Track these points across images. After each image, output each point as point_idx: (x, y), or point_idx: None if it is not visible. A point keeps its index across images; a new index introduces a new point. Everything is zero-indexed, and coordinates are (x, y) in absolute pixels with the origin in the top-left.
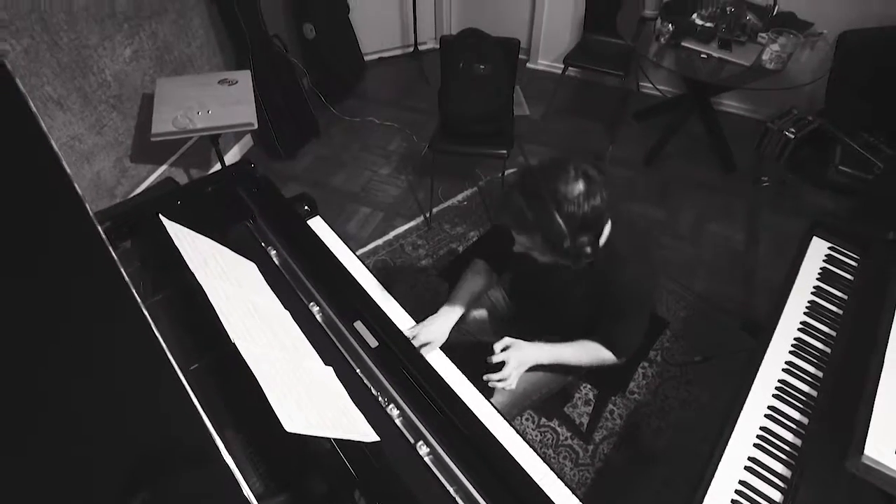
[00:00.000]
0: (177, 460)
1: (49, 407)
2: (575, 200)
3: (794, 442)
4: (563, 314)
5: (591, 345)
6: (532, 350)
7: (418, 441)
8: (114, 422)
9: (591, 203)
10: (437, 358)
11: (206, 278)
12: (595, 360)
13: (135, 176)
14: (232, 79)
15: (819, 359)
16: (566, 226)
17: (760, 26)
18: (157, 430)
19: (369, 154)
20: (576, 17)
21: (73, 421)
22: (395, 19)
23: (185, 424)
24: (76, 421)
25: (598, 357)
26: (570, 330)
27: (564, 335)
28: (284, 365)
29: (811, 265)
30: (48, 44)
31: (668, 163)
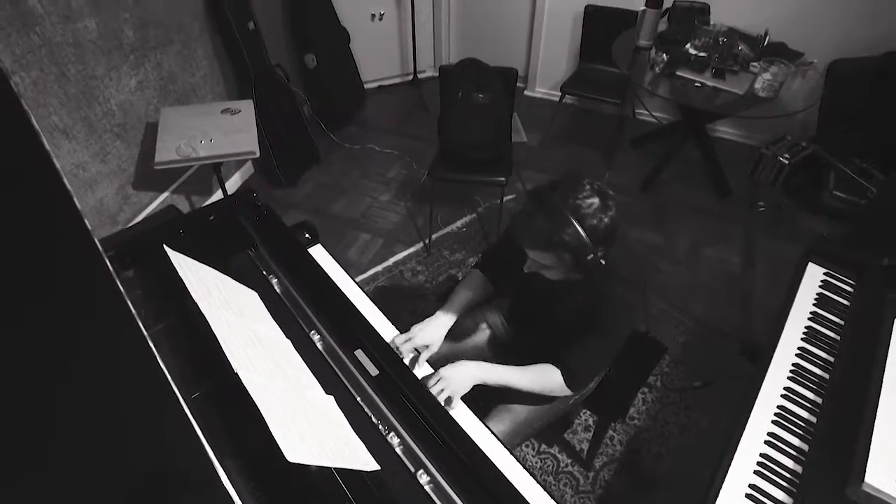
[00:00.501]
0: (179, 489)
1: (53, 436)
2: (595, 214)
3: (795, 469)
4: (556, 333)
5: (547, 370)
6: (471, 368)
7: (419, 469)
8: (117, 450)
9: (609, 215)
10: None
11: (209, 308)
12: (547, 388)
13: (137, 203)
14: (235, 108)
15: (818, 385)
16: (590, 239)
17: (752, 56)
18: (160, 458)
19: (369, 181)
20: (572, 46)
21: (76, 450)
22: (394, 48)
23: (188, 453)
24: (80, 450)
25: (549, 384)
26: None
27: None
28: (286, 394)
29: (807, 291)
30: (56, 75)
31: (665, 188)
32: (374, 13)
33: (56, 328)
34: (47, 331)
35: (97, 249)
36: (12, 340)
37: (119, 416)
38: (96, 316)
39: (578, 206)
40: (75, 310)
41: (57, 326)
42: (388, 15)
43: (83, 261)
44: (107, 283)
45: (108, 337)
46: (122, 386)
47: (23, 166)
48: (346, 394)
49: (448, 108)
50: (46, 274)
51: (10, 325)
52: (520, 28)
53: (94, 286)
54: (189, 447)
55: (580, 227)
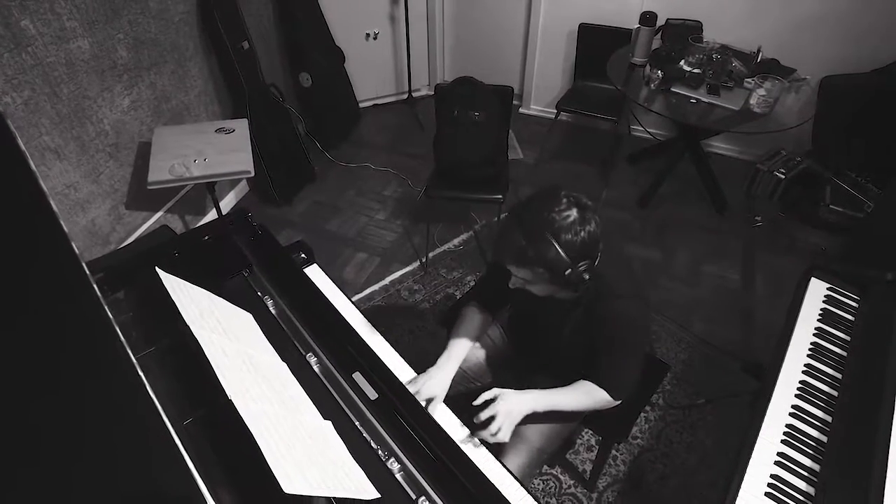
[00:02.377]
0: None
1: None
2: (571, 228)
3: (808, 490)
4: (559, 348)
5: (586, 386)
6: (522, 399)
7: (420, 496)
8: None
9: (586, 229)
10: (440, 411)
11: (201, 332)
12: (592, 403)
13: (130, 223)
14: (229, 127)
15: (827, 402)
16: (566, 254)
17: (746, 72)
18: (145, 485)
19: (365, 199)
20: (567, 64)
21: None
22: (389, 67)
23: (175, 481)
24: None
25: (595, 399)
26: (566, 364)
27: (562, 370)
28: (282, 421)
29: (811, 306)
30: (48, 95)
31: (662, 204)
32: (368, 33)
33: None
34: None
35: (83, 271)
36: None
37: (103, 442)
38: (80, 339)
39: (553, 219)
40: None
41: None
42: (383, 34)
43: (67, 282)
44: (92, 305)
45: (93, 361)
46: (106, 411)
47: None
48: (344, 418)
49: (444, 126)
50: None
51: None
52: (514, 46)
53: (79, 308)
54: (176, 475)
55: (555, 242)
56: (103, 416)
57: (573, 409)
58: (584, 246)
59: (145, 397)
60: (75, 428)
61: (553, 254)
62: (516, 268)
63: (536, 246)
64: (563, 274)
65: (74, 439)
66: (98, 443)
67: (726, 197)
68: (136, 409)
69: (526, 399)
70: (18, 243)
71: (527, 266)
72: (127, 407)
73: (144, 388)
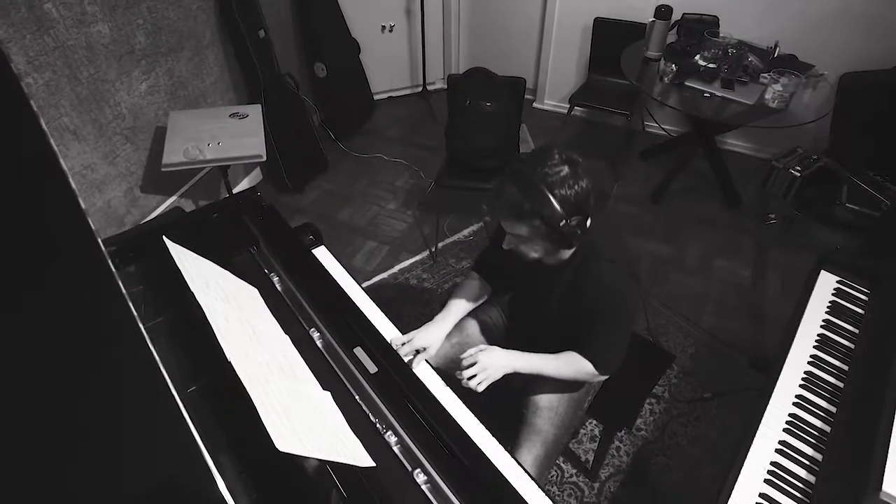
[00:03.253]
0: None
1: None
2: (565, 182)
3: (808, 478)
4: (549, 321)
5: (572, 356)
6: (504, 355)
7: (416, 469)
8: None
9: (579, 184)
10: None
11: (205, 298)
12: (576, 373)
13: (144, 206)
14: (243, 112)
15: (832, 393)
16: (560, 207)
17: (762, 67)
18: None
19: (376, 189)
20: (581, 58)
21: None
22: (404, 60)
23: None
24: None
25: (578, 369)
26: (557, 339)
27: (553, 346)
28: (281, 387)
29: (820, 298)
30: (68, 77)
31: (675, 200)
32: (384, 25)
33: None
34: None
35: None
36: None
37: (111, 408)
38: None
39: (546, 174)
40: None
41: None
42: (399, 27)
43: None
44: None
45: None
46: (116, 378)
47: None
48: (343, 391)
49: (455, 116)
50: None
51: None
52: (529, 40)
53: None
54: (180, 441)
55: (550, 195)
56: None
57: (556, 375)
58: (577, 199)
59: (153, 366)
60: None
61: (548, 207)
62: (513, 223)
63: (532, 199)
64: (559, 227)
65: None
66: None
67: (740, 194)
68: (144, 377)
69: (508, 356)
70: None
71: (523, 220)
72: (136, 375)
73: (153, 357)
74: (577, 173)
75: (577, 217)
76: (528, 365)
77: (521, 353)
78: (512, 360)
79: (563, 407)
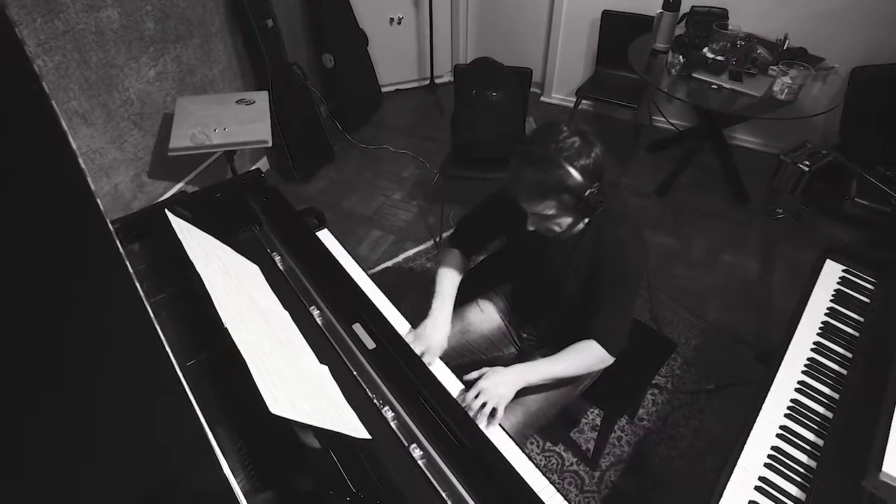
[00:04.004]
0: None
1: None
2: (581, 153)
3: (809, 463)
4: (561, 297)
5: (580, 347)
6: (510, 371)
7: (412, 444)
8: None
9: (594, 151)
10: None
11: (205, 270)
12: (588, 365)
13: (151, 192)
14: (249, 99)
15: (834, 380)
16: (582, 177)
17: (771, 60)
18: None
19: (382, 180)
20: (589, 51)
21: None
22: (412, 53)
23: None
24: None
25: (590, 358)
26: (567, 317)
27: (562, 330)
28: (277, 356)
29: (824, 287)
30: (78, 61)
31: (681, 194)
32: (392, 17)
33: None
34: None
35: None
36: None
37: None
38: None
39: (561, 148)
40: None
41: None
42: (407, 19)
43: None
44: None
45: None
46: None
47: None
48: (341, 367)
49: (462, 105)
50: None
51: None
52: (537, 34)
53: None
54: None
55: (570, 168)
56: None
57: (568, 374)
58: (595, 166)
59: (156, 340)
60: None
61: (571, 179)
62: (539, 202)
63: (554, 174)
64: (584, 196)
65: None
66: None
67: (747, 188)
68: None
69: (514, 372)
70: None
71: (549, 197)
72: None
73: (156, 331)
74: (589, 141)
75: (598, 183)
76: (540, 374)
77: (524, 365)
78: (521, 375)
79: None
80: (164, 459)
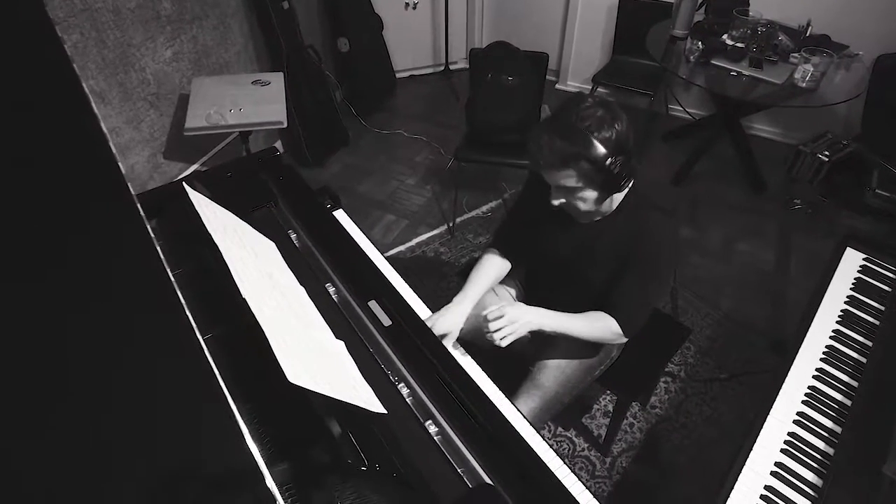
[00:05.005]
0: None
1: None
2: (603, 122)
3: (826, 450)
4: (579, 284)
5: (598, 315)
6: (532, 310)
7: (427, 420)
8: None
9: (618, 123)
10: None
11: (223, 241)
12: (601, 333)
13: (167, 172)
14: (265, 80)
15: (854, 368)
16: (603, 146)
17: (792, 47)
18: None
19: (396, 164)
20: (605, 38)
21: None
22: (427, 38)
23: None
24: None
25: (603, 328)
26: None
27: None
28: (295, 328)
29: (844, 275)
30: (95, 40)
31: (697, 182)
32: (407, 2)
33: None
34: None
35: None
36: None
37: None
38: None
39: (584, 117)
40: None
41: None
42: (422, 4)
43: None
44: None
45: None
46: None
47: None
48: (357, 343)
49: (477, 89)
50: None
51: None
52: (553, 20)
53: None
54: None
55: (592, 136)
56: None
57: (581, 334)
58: (618, 138)
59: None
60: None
61: (593, 147)
62: (559, 171)
63: (575, 141)
64: (605, 167)
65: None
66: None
67: (764, 178)
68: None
69: (535, 312)
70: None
71: (570, 166)
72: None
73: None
74: (614, 113)
75: (621, 157)
76: (555, 323)
77: (548, 310)
78: (539, 317)
79: (572, 369)
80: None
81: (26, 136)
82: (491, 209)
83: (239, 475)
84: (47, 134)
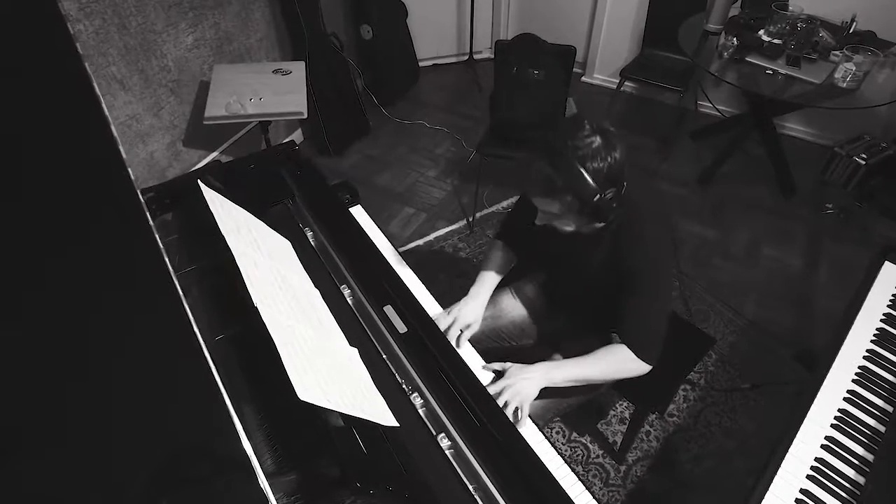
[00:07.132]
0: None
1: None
2: (597, 155)
3: (856, 479)
4: (590, 289)
5: (609, 349)
6: (534, 369)
7: (440, 433)
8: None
9: (612, 155)
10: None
11: (236, 243)
12: (618, 366)
13: (186, 160)
14: (286, 69)
15: (889, 391)
16: (593, 181)
17: (834, 44)
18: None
19: (417, 156)
20: (635, 31)
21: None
22: (451, 27)
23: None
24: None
25: (621, 362)
26: (599, 311)
27: (592, 322)
28: (307, 337)
29: (881, 292)
30: (117, 26)
31: (724, 183)
32: None
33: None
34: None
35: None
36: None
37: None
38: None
39: (577, 146)
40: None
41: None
42: None
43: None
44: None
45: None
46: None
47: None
48: (371, 349)
49: (502, 83)
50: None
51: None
52: (581, 10)
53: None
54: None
55: (582, 169)
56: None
57: (597, 378)
58: (610, 171)
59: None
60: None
61: (581, 182)
62: (545, 199)
63: (564, 174)
64: (592, 202)
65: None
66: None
67: (795, 181)
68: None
69: (539, 370)
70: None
71: (555, 196)
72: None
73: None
74: (609, 144)
75: (612, 190)
76: (565, 374)
77: (549, 364)
78: (546, 373)
79: None
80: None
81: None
82: (511, 205)
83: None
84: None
